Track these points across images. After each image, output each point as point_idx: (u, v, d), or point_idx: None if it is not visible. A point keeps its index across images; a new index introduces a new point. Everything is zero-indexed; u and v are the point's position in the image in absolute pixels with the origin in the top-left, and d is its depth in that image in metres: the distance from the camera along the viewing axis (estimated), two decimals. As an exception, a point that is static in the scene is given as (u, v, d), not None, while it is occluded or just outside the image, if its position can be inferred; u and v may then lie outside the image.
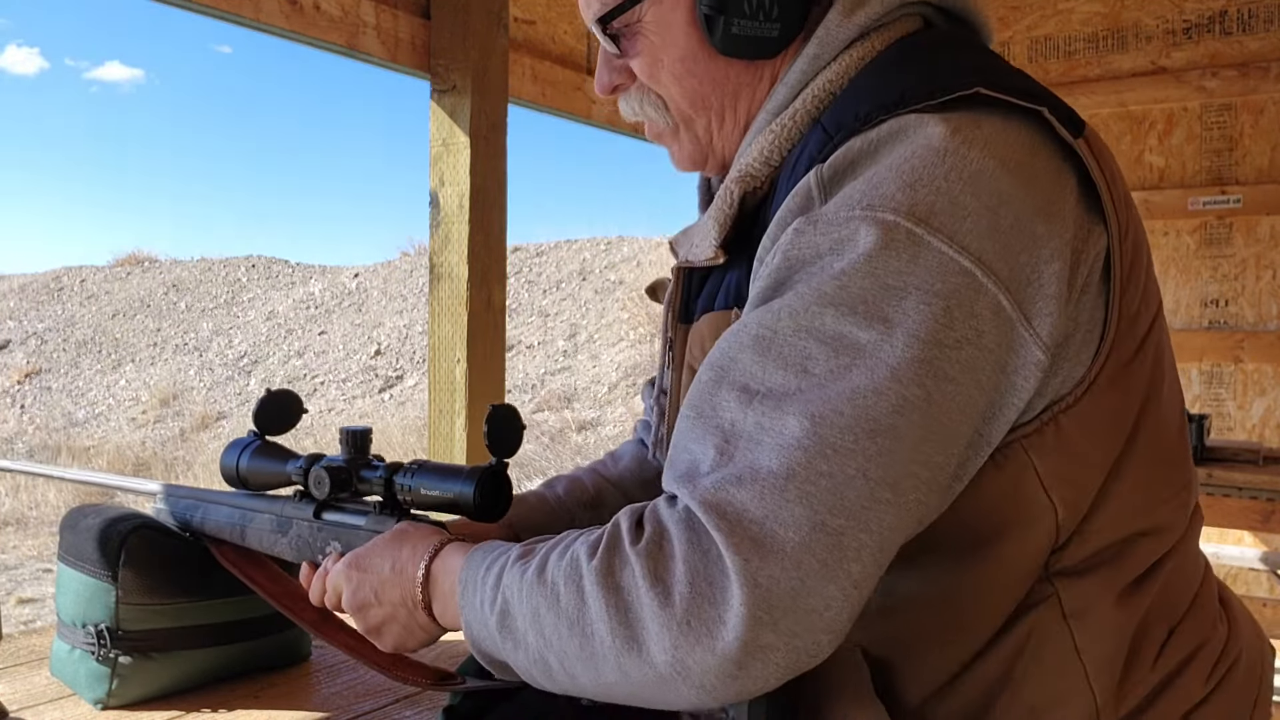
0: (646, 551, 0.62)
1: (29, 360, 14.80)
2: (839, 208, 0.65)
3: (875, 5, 0.76)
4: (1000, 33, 3.96)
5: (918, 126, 0.66)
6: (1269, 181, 3.46)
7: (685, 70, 0.82)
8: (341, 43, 2.10)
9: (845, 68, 0.76)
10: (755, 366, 0.64)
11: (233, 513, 1.09)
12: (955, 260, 0.62)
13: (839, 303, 0.62)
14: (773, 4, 0.77)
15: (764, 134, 0.78)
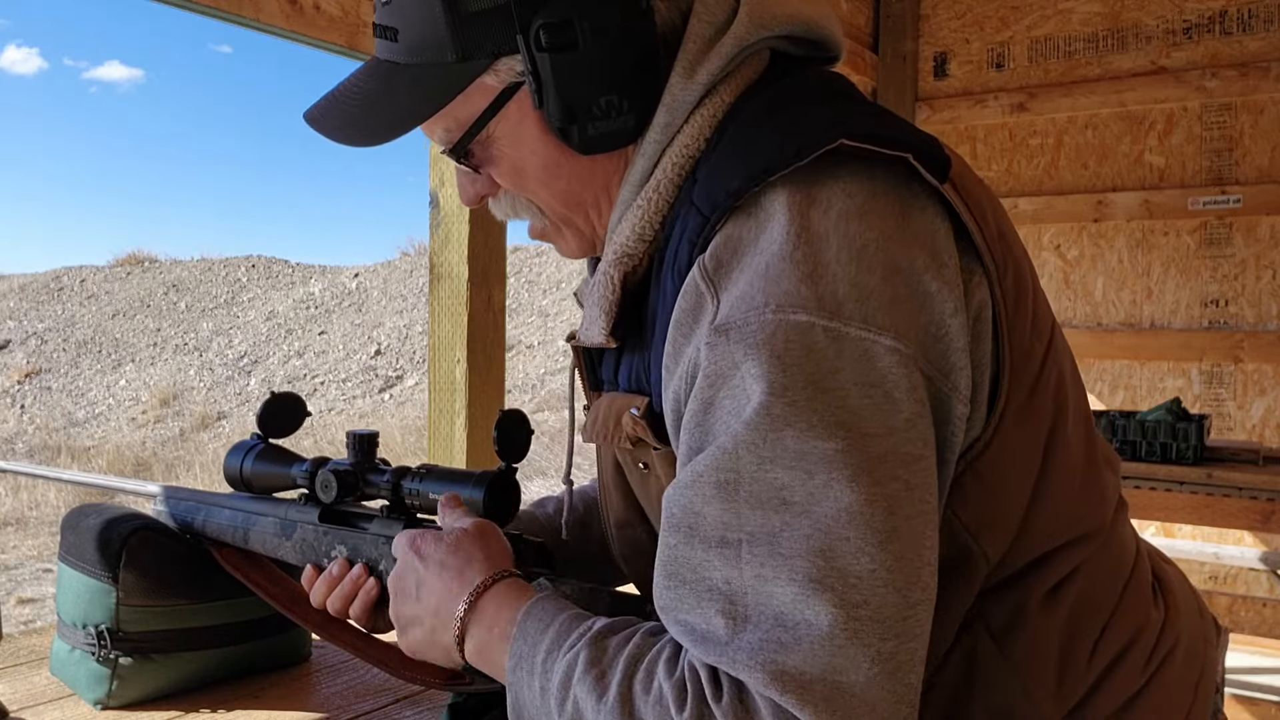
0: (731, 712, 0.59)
1: (29, 360, 14.80)
2: (745, 311, 0.63)
3: (714, 60, 0.74)
4: (1000, 32, 3.96)
5: (790, 203, 0.65)
6: (1269, 181, 3.46)
7: (550, 176, 0.79)
8: (341, 43, 2.10)
9: (699, 128, 0.74)
10: (727, 514, 0.61)
11: (235, 515, 1.09)
12: (878, 342, 0.62)
13: (791, 420, 0.60)
14: (621, 98, 0.74)
15: (632, 210, 0.75)
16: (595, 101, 0.73)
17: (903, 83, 4.13)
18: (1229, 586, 3.52)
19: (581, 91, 0.73)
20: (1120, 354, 3.62)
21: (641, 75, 0.74)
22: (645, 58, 0.74)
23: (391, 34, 0.77)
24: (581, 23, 0.72)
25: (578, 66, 0.73)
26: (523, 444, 0.90)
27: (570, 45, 0.72)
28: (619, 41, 0.73)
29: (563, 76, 0.73)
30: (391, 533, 0.97)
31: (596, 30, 0.72)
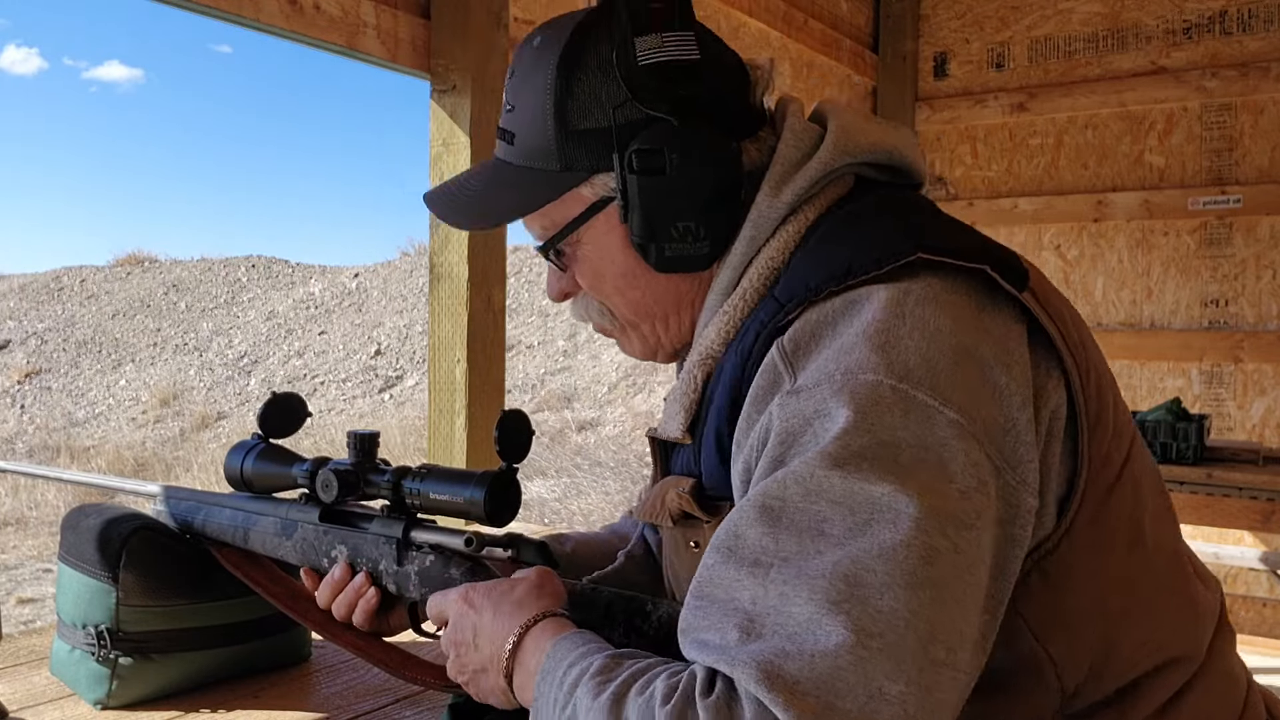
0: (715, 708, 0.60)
1: (29, 360, 14.80)
2: (816, 378, 0.67)
3: (800, 180, 0.79)
4: (1000, 32, 3.96)
5: (870, 296, 0.69)
6: (1269, 181, 3.46)
7: (627, 284, 0.86)
8: (341, 43, 2.10)
9: (784, 242, 0.78)
10: (766, 539, 0.62)
11: (235, 515, 1.09)
12: (942, 412, 0.63)
13: (844, 462, 0.62)
14: (699, 225, 0.80)
15: (718, 316, 0.80)
16: (674, 225, 0.80)
17: (903, 83, 4.13)
18: (1229, 586, 3.52)
19: (663, 214, 0.80)
20: (1120, 354, 3.62)
21: (720, 207, 0.80)
22: (726, 192, 0.80)
23: (509, 137, 0.86)
24: (671, 153, 0.78)
25: (662, 191, 0.79)
26: (524, 444, 0.90)
27: (658, 171, 0.78)
28: (702, 174, 0.79)
29: (647, 198, 0.79)
30: (392, 533, 0.97)
31: (684, 162, 0.78)
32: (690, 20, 0.81)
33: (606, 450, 8.88)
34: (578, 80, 0.81)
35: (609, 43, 0.80)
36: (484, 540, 0.92)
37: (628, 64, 0.79)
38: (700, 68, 0.80)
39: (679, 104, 0.78)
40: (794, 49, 3.67)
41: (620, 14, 0.80)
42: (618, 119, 0.79)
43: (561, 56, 0.82)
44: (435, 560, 0.95)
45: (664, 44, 0.79)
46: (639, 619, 0.85)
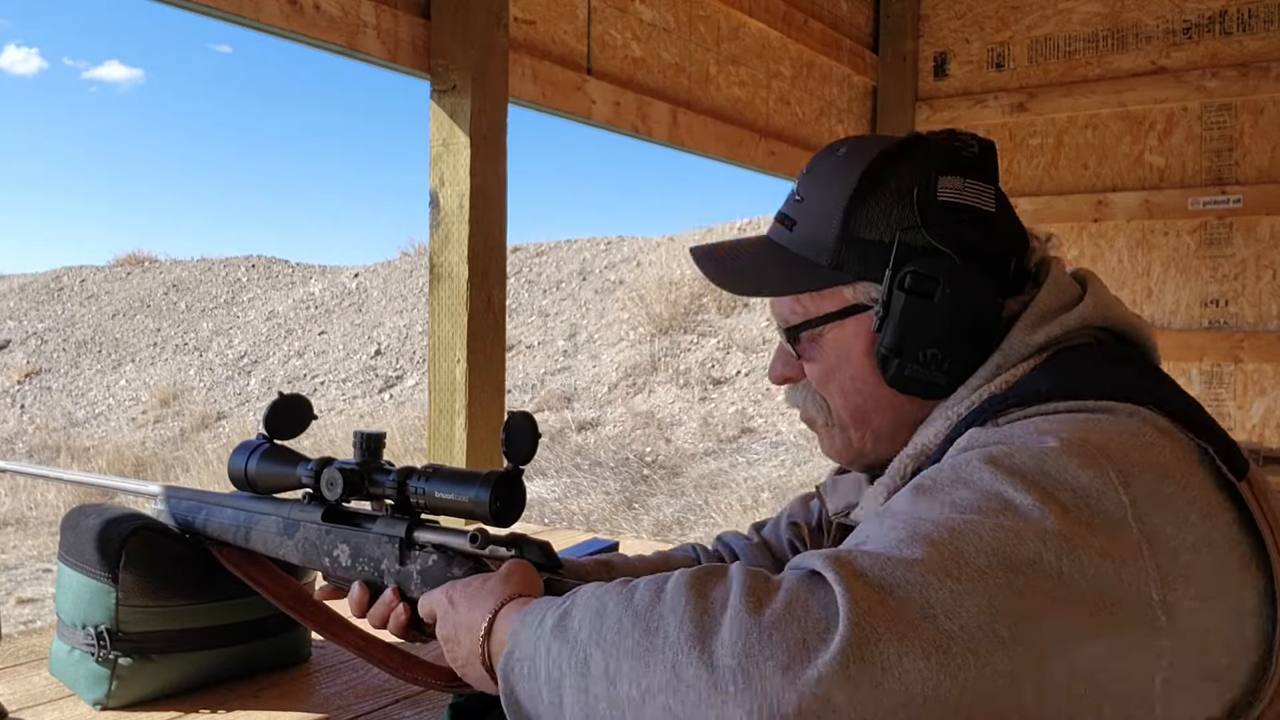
0: (751, 574, 0.63)
1: (29, 360, 14.79)
2: (1013, 426, 0.73)
3: (1055, 327, 0.83)
4: (1000, 32, 3.95)
5: (1099, 407, 0.73)
6: (1269, 181, 3.46)
7: (854, 389, 0.90)
8: (341, 43, 2.10)
9: (1023, 371, 0.82)
10: (904, 501, 0.68)
11: (237, 515, 1.09)
12: (1116, 490, 0.65)
13: (1001, 464, 0.66)
14: (944, 357, 0.84)
15: (942, 420, 0.83)
16: (923, 349, 0.84)
17: (903, 83, 4.13)
18: None
19: (916, 336, 0.84)
20: (1120, 354, 3.62)
21: (968, 346, 0.84)
22: (978, 334, 0.84)
23: (790, 224, 0.92)
24: (945, 285, 0.83)
25: (924, 315, 0.83)
26: (531, 446, 0.90)
27: (927, 296, 0.83)
28: (965, 312, 0.83)
29: (908, 317, 0.84)
30: (395, 532, 0.97)
31: (953, 295, 0.83)
32: (994, 177, 0.87)
33: (606, 450, 8.88)
34: (874, 195, 0.86)
35: (913, 172, 0.85)
36: (489, 537, 0.92)
37: (926, 195, 0.84)
38: (991, 221, 0.85)
39: (963, 244, 0.83)
40: (794, 49, 3.67)
41: (931, 150, 0.87)
42: (901, 239, 0.84)
43: (866, 171, 0.87)
44: (438, 560, 0.95)
45: (965, 188, 0.85)
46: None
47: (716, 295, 11.09)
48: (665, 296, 11.27)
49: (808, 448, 8.31)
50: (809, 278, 0.89)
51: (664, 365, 10.31)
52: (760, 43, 3.49)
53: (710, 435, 8.97)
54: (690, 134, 3.11)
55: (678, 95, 3.10)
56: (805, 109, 3.77)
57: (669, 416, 9.47)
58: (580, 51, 2.76)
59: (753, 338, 10.26)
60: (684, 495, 7.81)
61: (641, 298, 11.45)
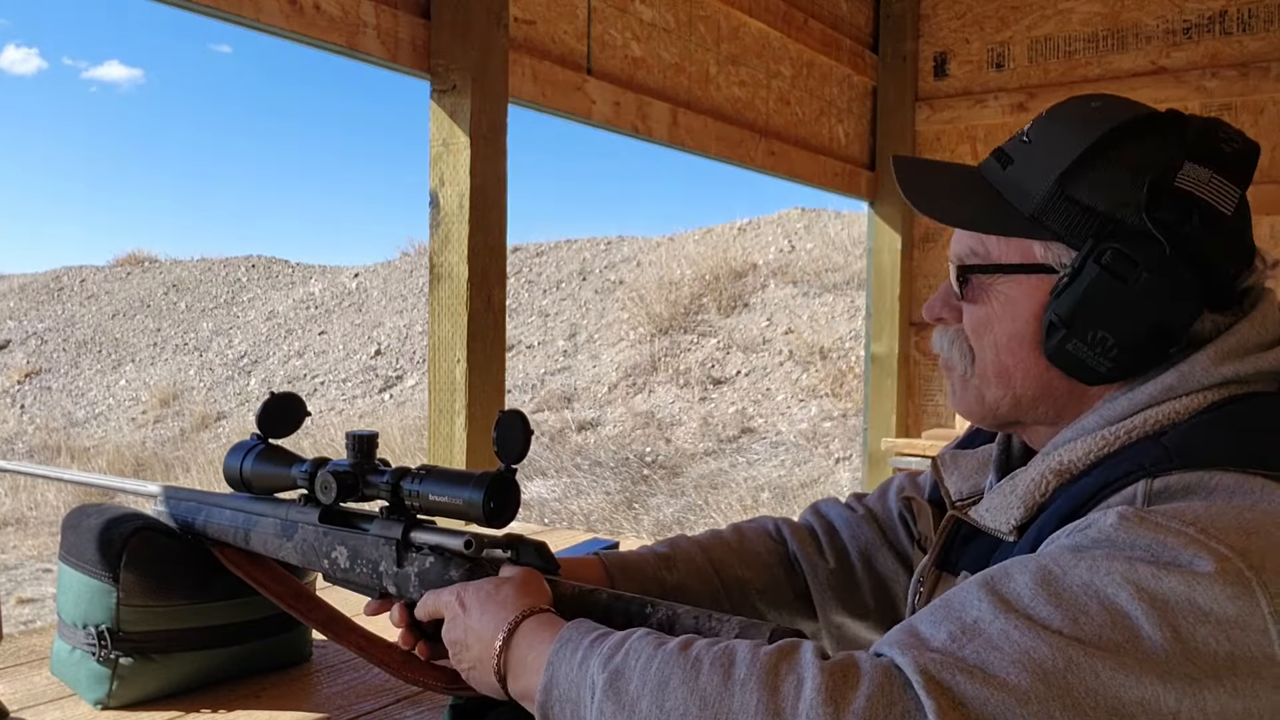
0: (830, 670, 0.61)
1: (29, 360, 14.79)
2: (1170, 517, 0.65)
3: (1247, 364, 0.77)
4: (1000, 33, 3.96)
5: (1263, 488, 0.67)
6: (1269, 181, 3.46)
7: (1008, 348, 0.84)
8: (341, 43, 2.10)
9: (1196, 404, 0.76)
10: (1027, 591, 0.63)
11: (236, 516, 1.09)
12: (1266, 621, 0.62)
13: (1142, 587, 0.61)
14: (1115, 346, 0.77)
15: (1095, 437, 0.78)
16: (1094, 329, 0.78)
17: (903, 83, 4.13)
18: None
19: (1094, 314, 0.77)
20: (1120, 354, 3.62)
21: (1144, 344, 0.78)
22: (1160, 335, 0.77)
23: (1006, 161, 0.85)
24: (1144, 272, 0.76)
25: (1110, 296, 0.77)
26: (522, 445, 0.90)
27: (1121, 277, 0.76)
28: (1157, 308, 0.76)
29: (1093, 293, 0.77)
30: (392, 534, 0.97)
31: (1149, 286, 0.76)
32: (1245, 180, 0.79)
33: (606, 450, 8.88)
34: (1106, 159, 0.79)
35: (1159, 151, 0.78)
36: (483, 543, 0.92)
37: (1163, 178, 0.77)
38: (1222, 224, 0.77)
39: (1180, 238, 0.76)
40: (794, 49, 3.67)
41: (1187, 133, 0.79)
42: (1117, 214, 0.77)
43: (1109, 132, 0.80)
44: (435, 562, 0.95)
45: (1209, 182, 0.77)
46: (638, 621, 0.85)
47: (716, 295, 11.09)
48: (665, 296, 11.27)
49: (808, 448, 8.32)
50: (1003, 221, 0.83)
51: (664, 365, 10.31)
52: (760, 43, 3.49)
53: (710, 435, 8.97)
54: (690, 134, 3.11)
55: (678, 95, 3.10)
56: (805, 109, 3.77)
57: (669, 416, 9.47)
58: (580, 51, 2.76)
59: (753, 338, 10.27)
60: (684, 495, 7.81)
61: (641, 298, 11.45)
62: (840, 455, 8.06)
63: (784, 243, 12.00)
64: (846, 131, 4.03)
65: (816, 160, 3.80)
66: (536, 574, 0.89)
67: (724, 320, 10.79)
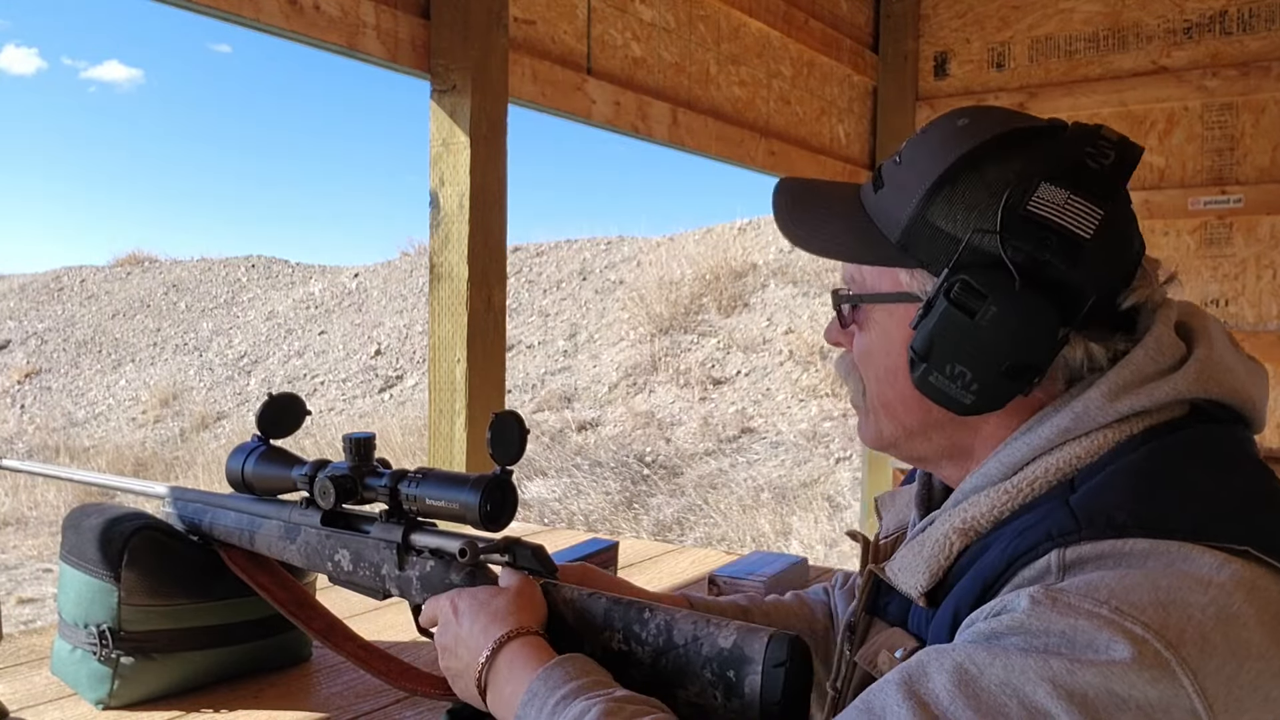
0: None
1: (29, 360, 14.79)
2: (1083, 596, 0.63)
3: (1143, 397, 0.73)
4: (1000, 33, 3.95)
5: (1178, 553, 0.64)
6: (1269, 181, 3.46)
7: (887, 379, 0.82)
8: (341, 43, 2.10)
9: (1097, 445, 0.73)
10: (945, 694, 0.62)
11: (240, 518, 1.09)
12: (1190, 700, 0.60)
13: (1059, 684, 0.60)
14: (973, 379, 0.74)
15: (997, 491, 0.75)
16: (950, 363, 0.74)
17: (903, 83, 4.13)
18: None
19: (945, 348, 0.74)
20: (1120, 354, 3.62)
21: (1002, 379, 0.74)
22: (1018, 370, 0.73)
23: (878, 184, 0.82)
24: (991, 305, 0.72)
25: (959, 330, 0.73)
26: (518, 446, 0.90)
27: (969, 311, 0.73)
28: (1006, 342, 0.72)
29: (943, 326, 0.74)
30: (392, 537, 0.97)
31: (997, 320, 0.72)
32: (1110, 195, 0.73)
33: (606, 450, 8.88)
34: (964, 183, 0.75)
35: (1017, 169, 0.73)
36: (478, 548, 0.92)
37: (1016, 200, 0.72)
38: (1082, 248, 0.71)
39: (1034, 268, 0.71)
40: (794, 49, 3.67)
41: (1051, 149, 0.74)
42: (973, 240, 0.73)
43: (970, 152, 0.75)
44: (436, 565, 0.95)
45: (1066, 205, 0.71)
46: (637, 625, 0.85)
47: (716, 295, 11.09)
48: (665, 296, 11.27)
49: (808, 448, 8.32)
50: (873, 251, 0.80)
51: (664, 365, 10.31)
52: (760, 42, 3.49)
53: (710, 435, 8.97)
54: (690, 134, 3.11)
55: (678, 95, 3.10)
56: (805, 109, 3.77)
57: (669, 416, 9.47)
58: (580, 51, 2.76)
59: (753, 338, 10.27)
60: (684, 495, 7.81)
61: (641, 298, 11.45)
62: (840, 455, 8.06)
63: (784, 243, 11.99)
64: (847, 131, 4.03)
65: (817, 160, 3.79)
66: (533, 584, 0.90)
67: (724, 320, 10.79)
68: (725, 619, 0.83)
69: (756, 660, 0.78)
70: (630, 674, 0.83)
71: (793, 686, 0.78)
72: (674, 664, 0.82)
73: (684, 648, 0.82)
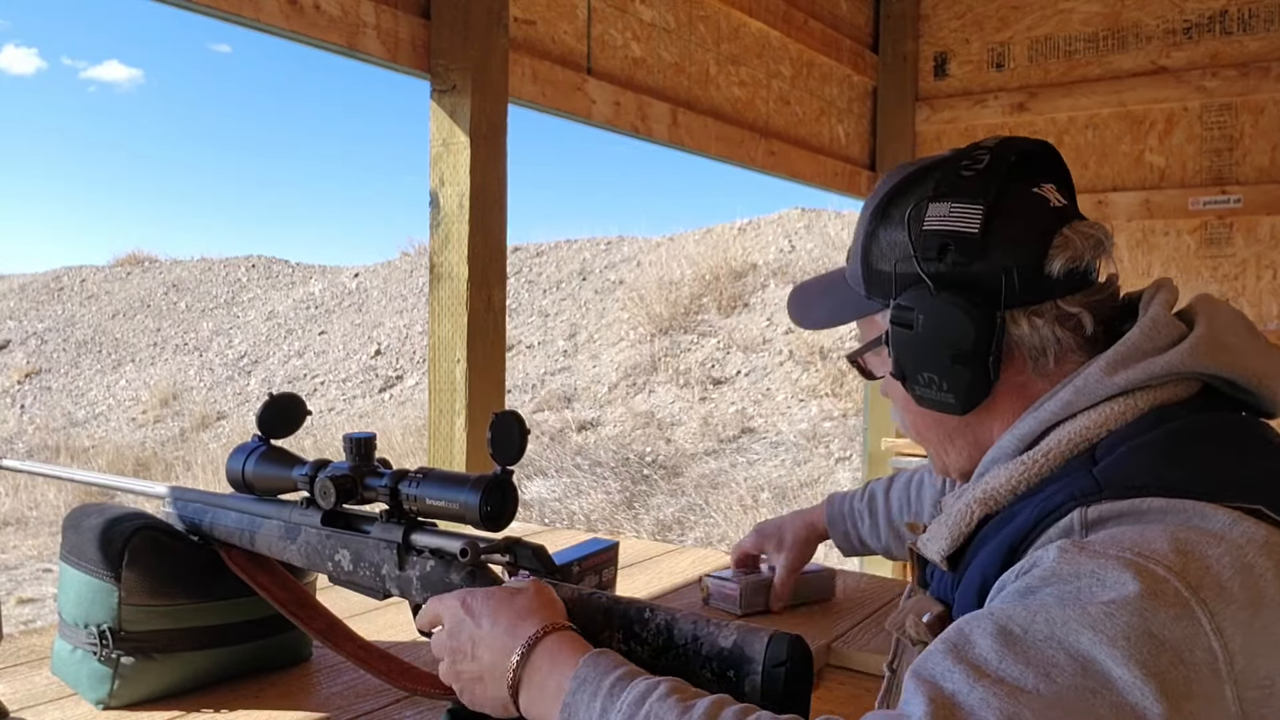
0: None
1: (29, 360, 14.79)
2: (1106, 544, 0.67)
3: (1139, 371, 0.79)
4: (1000, 33, 3.96)
5: (1196, 509, 0.69)
6: (1269, 181, 3.46)
7: (904, 408, 0.93)
8: (341, 43, 2.10)
9: (1105, 418, 0.79)
10: (992, 654, 0.64)
11: (241, 518, 1.10)
12: (1209, 639, 0.63)
13: (1100, 629, 0.63)
14: (942, 380, 0.85)
15: (1014, 463, 0.81)
16: (919, 374, 0.86)
17: (903, 83, 4.13)
18: None
19: (909, 364, 0.86)
20: (1120, 354, 3.62)
21: (958, 369, 0.84)
22: (963, 357, 0.83)
23: (851, 260, 0.95)
24: (919, 314, 0.84)
25: (909, 344, 0.86)
26: (518, 446, 0.90)
27: (908, 326, 0.85)
28: (942, 340, 0.83)
29: (898, 347, 0.87)
30: (392, 537, 0.98)
31: (928, 325, 0.84)
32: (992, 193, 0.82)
33: (606, 450, 8.88)
34: (883, 226, 0.88)
35: (913, 202, 0.86)
36: (479, 548, 0.92)
37: (916, 225, 0.85)
38: (976, 242, 0.82)
39: (944, 272, 0.83)
40: (794, 49, 3.67)
41: (935, 175, 0.86)
42: (898, 269, 0.86)
43: (880, 201, 0.89)
44: (436, 565, 0.95)
45: (949, 214, 0.83)
46: (637, 625, 0.85)
47: (716, 295, 11.10)
48: (665, 296, 11.27)
49: (808, 448, 8.32)
50: (851, 308, 0.93)
51: (664, 365, 10.31)
52: (760, 43, 3.50)
53: (710, 435, 8.97)
54: (690, 134, 3.11)
55: (678, 95, 3.10)
56: (805, 109, 3.77)
57: (669, 416, 9.47)
58: (580, 51, 2.76)
59: (753, 338, 10.27)
60: (684, 495, 7.81)
61: (641, 298, 11.45)
62: (840, 455, 8.06)
63: (784, 243, 12.00)
64: (846, 131, 4.03)
65: (817, 160, 3.80)
66: (546, 585, 0.88)
67: (724, 320, 10.79)
68: (724, 620, 0.83)
69: (757, 660, 0.78)
70: (630, 674, 0.83)
71: (793, 686, 0.78)
72: (674, 664, 0.82)
73: (684, 648, 0.82)
